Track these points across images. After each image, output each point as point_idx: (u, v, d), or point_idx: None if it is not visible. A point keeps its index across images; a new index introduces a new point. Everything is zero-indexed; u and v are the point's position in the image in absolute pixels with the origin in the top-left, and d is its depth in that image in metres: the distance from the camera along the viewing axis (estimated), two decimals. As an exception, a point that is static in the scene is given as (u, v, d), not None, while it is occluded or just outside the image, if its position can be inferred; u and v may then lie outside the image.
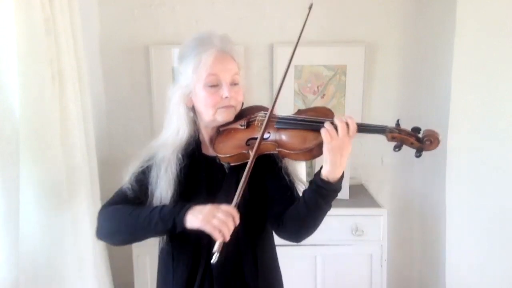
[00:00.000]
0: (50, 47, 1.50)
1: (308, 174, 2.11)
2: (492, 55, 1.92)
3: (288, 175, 1.19)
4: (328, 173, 1.03)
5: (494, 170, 1.98)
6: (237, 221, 1.00)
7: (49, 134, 1.49)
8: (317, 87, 2.34)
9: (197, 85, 1.15)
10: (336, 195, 1.08)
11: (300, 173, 1.24)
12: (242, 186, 1.03)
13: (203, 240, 1.06)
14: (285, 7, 2.28)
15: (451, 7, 1.95)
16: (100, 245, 1.85)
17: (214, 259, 0.96)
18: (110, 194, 1.22)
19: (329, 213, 1.12)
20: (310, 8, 1.21)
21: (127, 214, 1.10)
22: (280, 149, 1.10)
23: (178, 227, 1.04)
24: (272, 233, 1.28)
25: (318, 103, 2.35)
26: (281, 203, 1.16)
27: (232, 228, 0.98)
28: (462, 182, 2.03)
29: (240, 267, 1.16)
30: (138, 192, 1.16)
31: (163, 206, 1.10)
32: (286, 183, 1.18)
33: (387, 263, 2.06)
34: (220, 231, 0.97)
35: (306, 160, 1.11)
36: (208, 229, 0.99)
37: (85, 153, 1.75)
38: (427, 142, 1.01)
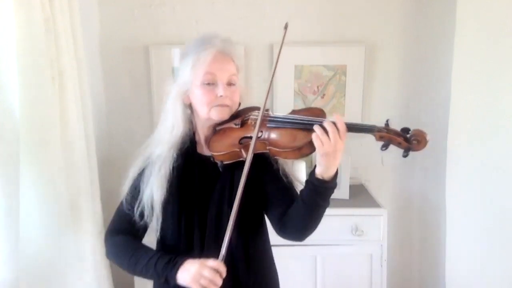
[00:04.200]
0: (50, 47, 1.50)
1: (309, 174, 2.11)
2: (492, 55, 1.92)
3: (286, 176, 1.21)
4: (323, 172, 1.04)
5: (494, 170, 1.98)
6: (224, 275, 1.04)
7: (49, 134, 1.49)
8: (317, 87, 2.34)
9: (194, 83, 1.17)
10: (333, 191, 1.09)
11: (298, 172, 1.25)
12: (238, 199, 1.05)
13: (194, 241, 1.14)
14: (285, 7, 2.28)
15: (451, 7, 1.95)
16: (100, 245, 1.85)
17: None
18: (110, 193, 1.23)
19: (329, 213, 1.12)
20: (286, 28, 1.20)
21: (126, 259, 1.17)
22: (270, 147, 1.11)
23: (171, 283, 1.10)
24: (267, 233, 1.30)
25: (318, 103, 2.35)
26: (281, 204, 1.17)
27: (220, 283, 1.03)
28: (462, 182, 2.03)
29: (232, 265, 1.16)
30: (136, 207, 1.20)
31: (158, 259, 1.12)
32: (284, 184, 1.20)
33: (387, 263, 2.06)
34: None
35: (296, 158, 1.11)
36: None
37: (85, 153, 1.75)
38: (414, 142, 1.01)
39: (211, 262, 1.05)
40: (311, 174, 1.08)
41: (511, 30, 1.90)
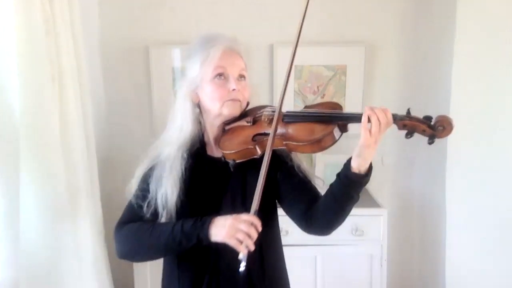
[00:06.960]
0: (50, 47, 1.50)
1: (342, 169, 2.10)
2: (492, 55, 1.92)
3: (302, 171, 1.19)
4: (360, 166, 1.03)
5: (494, 170, 1.98)
6: (260, 228, 1.00)
7: (49, 134, 1.49)
8: (317, 87, 2.34)
9: (204, 79, 1.16)
10: (366, 184, 1.08)
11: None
12: (260, 188, 1.02)
13: (211, 246, 1.08)
14: (285, 7, 2.28)
15: (451, 7, 1.95)
16: (100, 245, 1.85)
17: (242, 268, 0.97)
18: (110, 193, 1.23)
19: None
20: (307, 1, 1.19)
21: (147, 235, 1.11)
22: (287, 142, 1.09)
23: (204, 242, 1.05)
24: (279, 235, 1.28)
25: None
26: (302, 200, 1.16)
27: (255, 237, 0.99)
28: (462, 182, 2.03)
29: (247, 269, 1.14)
30: (146, 206, 1.15)
31: (183, 223, 1.09)
32: (300, 179, 1.18)
33: (387, 263, 2.06)
34: (245, 244, 0.99)
35: (314, 152, 1.11)
36: (232, 243, 1.00)
37: (85, 153, 1.75)
38: (440, 128, 0.98)
39: (245, 216, 1.01)
40: (346, 168, 1.05)
41: (511, 30, 1.90)
